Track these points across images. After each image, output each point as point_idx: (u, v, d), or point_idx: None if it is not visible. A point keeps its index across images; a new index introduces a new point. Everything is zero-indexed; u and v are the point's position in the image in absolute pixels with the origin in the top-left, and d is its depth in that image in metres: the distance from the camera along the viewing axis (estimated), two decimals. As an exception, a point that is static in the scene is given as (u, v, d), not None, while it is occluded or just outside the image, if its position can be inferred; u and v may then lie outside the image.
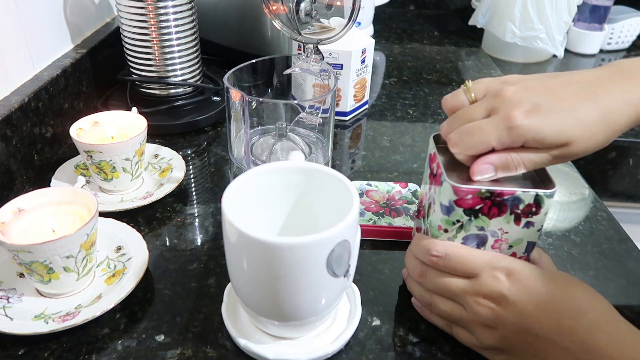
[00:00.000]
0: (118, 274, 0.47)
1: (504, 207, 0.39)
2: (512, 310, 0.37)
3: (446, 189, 0.39)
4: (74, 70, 0.71)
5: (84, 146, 0.55)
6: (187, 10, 0.71)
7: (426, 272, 0.42)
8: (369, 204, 0.57)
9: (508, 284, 0.38)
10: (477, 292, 0.39)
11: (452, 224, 0.40)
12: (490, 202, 0.38)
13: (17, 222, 0.45)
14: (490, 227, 0.40)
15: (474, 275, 0.39)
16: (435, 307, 0.43)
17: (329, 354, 0.41)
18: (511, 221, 0.39)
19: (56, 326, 0.41)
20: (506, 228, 0.40)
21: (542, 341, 0.36)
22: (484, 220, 0.39)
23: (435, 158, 0.42)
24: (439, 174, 0.40)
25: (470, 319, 0.40)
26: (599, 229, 0.58)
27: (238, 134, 0.59)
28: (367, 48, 0.76)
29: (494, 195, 0.38)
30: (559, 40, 1.07)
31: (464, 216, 0.39)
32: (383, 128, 0.78)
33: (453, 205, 0.39)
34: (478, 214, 0.39)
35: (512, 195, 0.38)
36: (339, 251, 0.36)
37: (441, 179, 0.40)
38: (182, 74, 0.75)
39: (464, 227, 0.40)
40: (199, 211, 0.59)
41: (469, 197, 0.38)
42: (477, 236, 0.40)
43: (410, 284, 0.46)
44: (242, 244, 0.36)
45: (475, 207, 0.39)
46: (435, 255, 0.41)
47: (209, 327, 0.44)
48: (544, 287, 0.37)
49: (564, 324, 0.36)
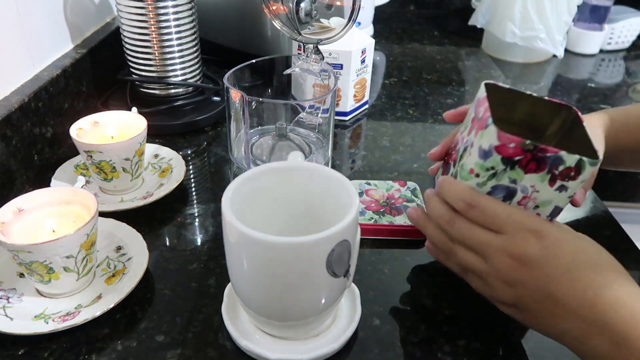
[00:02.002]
0: (118, 274, 0.47)
1: (543, 164, 0.37)
2: (537, 273, 0.37)
3: (490, 132, 0.37)
4: (74, 70, 0.71)
5: (84, 146, 0.55)
6: (187, 10, 0.71)
7: (454, 219, 0.41)
8: (369, 203, 0.57)
9: (537, 246, 0.37)
10: (504, 250, 0.38)
11: (486, 170, 0.39)
12: (530, 156, 0.37)
13: (17, 222, 0.45)
14: (522, 182, 0.38)
15: (504, 231, 0.38)
16: (455, 255, 0.42)
17: (329, 354, 0.41)
18: (546, 180, 0.38)
19: (56, 326, 0.41)
20: (538, 186, 0.38)
21: (561, 308, 0.36)
22: (519, 173, 0.38)
23: (485, 102, 0.40)
24: (485, 118, 0.39)
25: (490, 273, 0.39)
26: (599, 229, 0.58)
27: (238, 134, 0.59)
28: (367, 48, 0.76)
29: (537, 149, 0.36)
30: (559, 40, 1.07)
31: (500, 164, 0.38)
32: (383, 128, 0.78)
33: (492, 150, 0.37)
34: (515, 165, 0.38)
35: (555, 154, 0.36)
36: (339, 251, 0.36)
37: (487, 122, 0.38)
38: (182, 74, 0.75)
39: (497, 175, 0.39)
40: (199, 211, 0.59)
41: (512, 146, 0.37)
42: (506, 188, 0.39)
43: (429, 228, 0.45)
44: (242, 244, 0.36)
45: (514, 157, 0.37)
46: (468, 203, 0.39)
47: (209, 327, 0.44)
48: (573, 254, 0.37)
49: (588, 295, 0.35)
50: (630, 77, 1.09)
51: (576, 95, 1.00)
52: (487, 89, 0.42)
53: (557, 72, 1.10)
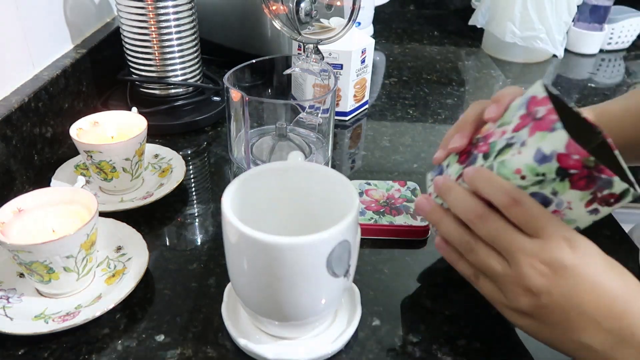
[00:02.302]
0: (118, 274, 0.47)
1: (591, 183, 0.36)
2: (567, 282, 0.36)
3: (557, 137, 0.35)
4: (74, 70, 0.71)
5: (84, 146, 0.55)
6: (187, 10, 0.71)
7: (487, 214, 0.38)
8: (369, 203, 0.57)
9: (571, 255, 0.36)
10: (536, 255, 0.36)
11: (536, 174, 0.37)
12: (586, 172, 0.36)
13: (17, 222, 0.45)
14: (562, 195, 0.37)
15: (539, 236, 0.37)
16: (476, 256, 0.39)
17: (329, 354, 0.41)
18: (585, 200, 0.37)
19: (56, 326, 0.41)
20: (574, 204, 0.38)
21: (585, 319, 0.35)
22: (565, 186, 0.37)
23: (548, 102, 0.38)
24: (550, 120, 0.36)
25: (512, 279, 0.37)
26: (599, 230, 0.58)
27: (238, 134, 0.59)
28: (367, 48, 0.76)
29: (596, 168, 0.35)
30: (559, 40, 1.07)
31: (553, 173, 0.36)
32: (383, 128, 0.78)
33: (554, 156, 0.36)
34: (566, 177, 0.36)
35: (609, 177, 0.36)
36: (339, 251, 0.36)
37: (553, 125, 0.36)
38: (182, 74, 0.75)
39: (543, 183, 0.37)
40: (199, 211, 0.59)
41: (575, 157, 0.35)
42: (544, 197, 0.38)
43: (445, 222, 0.42)
44: (242, 244, 0.36)
45: (571, 169, 0.36)
46: (513, 199, 0.37)
47: (209, 327, 0.44)
48: (603, 267, 0.37)
49: (615, 307, 0.35)
50: (630, 77, 1.08)
51: (576, 95, 1.00)
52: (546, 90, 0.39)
53: (557, 72, 1.10)
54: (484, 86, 0.97)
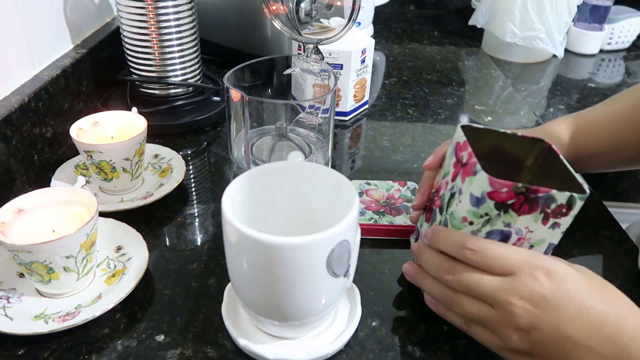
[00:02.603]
0: (118, 274, 0.47)
1: (535, 204, 0.37)
2: (552, 313, 0.35)
3: (481, 179, 0.37)
4: (74, 70, 0.71)
5: (84, 146, 0.55)
6: (187, 10, 0.71)
7: (454, 268, 0.39)
8: (369, 203, 0.57)
9: (549, 285, 0.36)
10: (513, 292, 0.36)
11: (480, 216, 0.38)
12: (523, 198, 0.37)
13: (17, 222, 0.45)
14: (516, 224, 0.38)
15: (511, 273, 0.37)
16: (458, 307, 0.40)
17: (329, 354, 0.41)
18: (539, 220, 0.38)
19: (56, 326, 0.41)
20: (532, 227, 0.38)
21: (581, 348, 0.35)
22: (513, 216, 0.38)
23: (467, 147, 0.40)
24: (471, 164, 0.38)
25: (500, 321, 0.37)
26: (599, 229, 0.58)
27: (238, 134, 0.59)
28: (367, 48, 0.76)
29: (529, 191, 0.36)
30: (559, 40, 1.07)
31: (494, 210, 0.38)
32: (383, 128, 0.78)
33: (485, 197, 0.37)
34: (509, 209, 0.37)
35: (547, 193, 0.36)
36: (339, 251, 0.36)
37: (474, 169, 0.38)
38: (182, 74, 0.75)
39: (491, 221, 0.38)
40: (199, 211, 0.59)
41: (504, 190, 0.37)
42: (501, 232, 0.39)
43: (427, 282, 0.43)
44: (242, 244, 0.36)
45: (507, 201, 0.37)
46: (471, 249, 0.38)
47: (209, 327, 0.44)
48: (584, 290, 0.36)
49: (606, 331, 0.35)
50: (630, 77, 1.08)
51: (576, 95, 1.00)
52: (465, 132, 0.42)
53: (557, 72, 1.10)
54: (484, 86, 0.97)
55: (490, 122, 0.83)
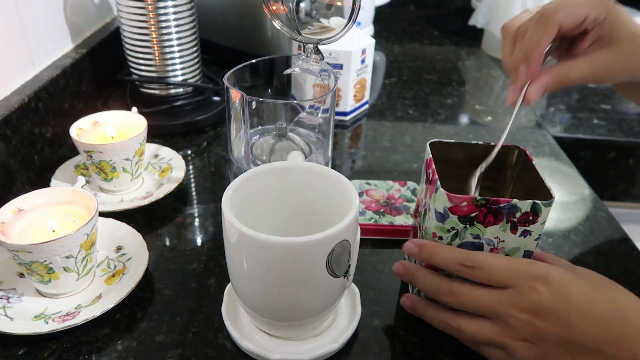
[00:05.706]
0: (118, 274, 0.47)
1: (499, 215, 0.38)
2: (554, 322, 0.35)
3: (440, 196, 0.38)
4: (74, 70, 0.71)
5: (84, 146, 0.55)
6: (187, 10, 0.71)
7: (453, 290, 0.39)
8: (369, 202, 0.57)
9: (547, 294, 0.35)
10: (514, 305, 0.36)
11: (447, 231, 0.40)
12: (485, 210, 0.38)
13: (17, 222, 0.45)
14: (485, 235, 0.39)
15: (509, 285, 0.37)
16: (462, 331, 0.39)
17: (329, 354, 0.41)
18: (507, 229, 0.39)
19: (56, 326, 0.41)
20: (502, 236, 0.39)
21: (587, 352, 0.35)
22: (480, 228, 0.39)
23: (431, 164, 0.42)
24: (434, 180, 0.40)
25: (506, 336, 0.37)
26: (599, 229, 0.58)
27: (238, 134, 0.59)
28: (367, 48, 0.76)
29: (490, 203, 0.37)
30: (559, 40, 1.07)
31: (459, 224, 0.39)
32: (383, 128, 0.78)
33: (448, 212, 0.39)
34: (473, 221, 0.39)
35: (509, 203, 0.37)
36: (339, 251, 0.36)
37: (436, 186, 0.39)
38: (182, 74, 0.75)
39: (459, 234, 0.40)
40: (199, 211, 0.59)
41: (464, 205, 0.38)
42: (472, 244, 0.40)
43: (429, 312, 0.42)
44: (242, 244, 0.36)
45: (470, 214, 0.38)
46: (466, 265, 0.38)
47: (209, 327, 0.44)
48: (585, 294, 0.36)
49: (611, 332, 0.35)
50: (630, 77, 1.08)
51: (576, 95, 1.00)
52: (431, 149, 0.43)
53: (557, 72, 1.10)
54: (484, 86, 0.97)
55: (490, 122, 0.83)
